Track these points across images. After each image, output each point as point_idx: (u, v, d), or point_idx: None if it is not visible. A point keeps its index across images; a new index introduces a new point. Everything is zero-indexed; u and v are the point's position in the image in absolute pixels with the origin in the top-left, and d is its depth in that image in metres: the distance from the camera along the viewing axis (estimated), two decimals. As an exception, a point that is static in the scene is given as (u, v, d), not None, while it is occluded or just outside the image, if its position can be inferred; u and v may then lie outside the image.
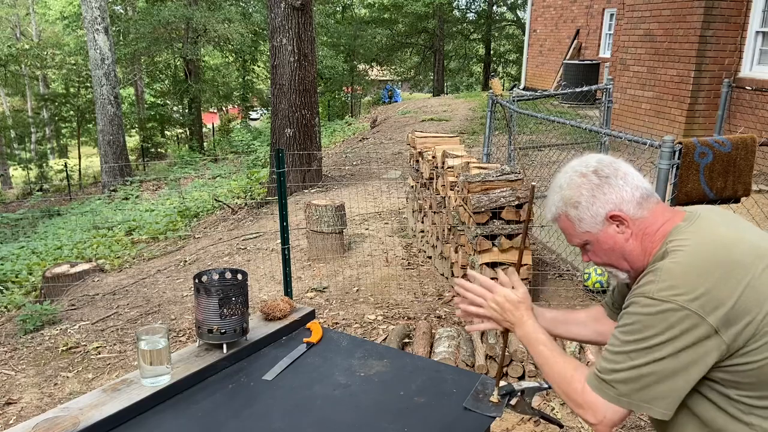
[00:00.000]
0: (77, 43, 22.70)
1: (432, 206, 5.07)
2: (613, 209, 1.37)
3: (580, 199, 1.39)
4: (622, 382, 1.29)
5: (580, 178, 1.41)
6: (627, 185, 1.38)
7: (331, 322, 4.20)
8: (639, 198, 1.38)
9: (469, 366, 3.33)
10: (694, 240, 1.30)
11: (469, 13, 30.62)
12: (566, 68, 13.57)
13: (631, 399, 1.29)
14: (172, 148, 25.36)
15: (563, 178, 1.45)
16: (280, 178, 3.72)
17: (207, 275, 1.88)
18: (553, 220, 1.48)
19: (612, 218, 1.38)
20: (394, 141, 11.99)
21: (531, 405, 1.62)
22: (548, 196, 1.49)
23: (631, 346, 1.28)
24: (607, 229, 1.39)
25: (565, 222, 1.44)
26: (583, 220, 1.40)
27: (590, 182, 1.39)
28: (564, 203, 1.42)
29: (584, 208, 1.39)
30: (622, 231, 1.39)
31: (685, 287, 1.23)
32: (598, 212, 1.38)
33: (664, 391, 1.26)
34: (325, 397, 1.65)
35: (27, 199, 15.74)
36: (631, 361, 1.28)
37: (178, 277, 5.64)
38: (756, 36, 7.83)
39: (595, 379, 1.34)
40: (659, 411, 1.28)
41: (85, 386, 3.75)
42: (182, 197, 10.19)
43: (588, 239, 1.43)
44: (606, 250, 1.42)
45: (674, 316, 1.22)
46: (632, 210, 1.38)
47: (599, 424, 1.33)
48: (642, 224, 1.38)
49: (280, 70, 8.16)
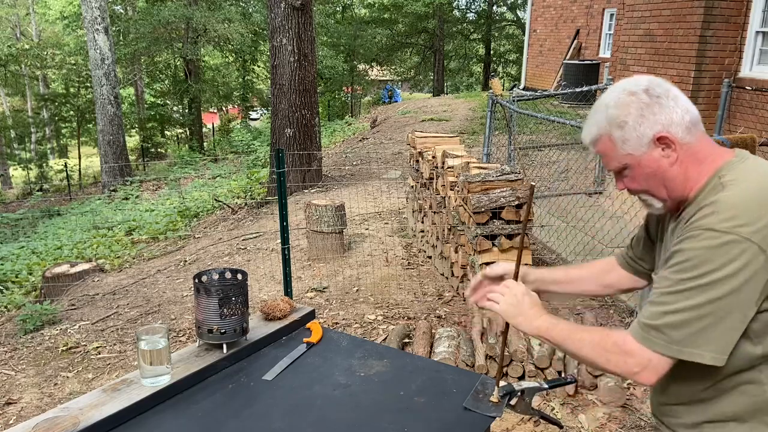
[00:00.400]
0: (77, 43, 22.70)
1: (432, 206, 5.07)
2: (662, 131, 1.29)
3: (627, 119, 1.30)
4: (675, 327, 1.22)
5: (629, 96, 1.31)
6: (678, 107, 1.30)
7: (331, 322, 4.20)
8: (688, 122, 1.30)
9: (469, 366, 3.33)
10: (751, 175, 1.26)
11: (469, 13, 30.64)
12: (566, 68, 13.57)
13: (682, 346, 1.22)
14: (172, 148, 25.36)
15: (610, 97, 1.34)
16: (280, 178, 3.72)
17: (207, 275, 1.88)
18: (593, 143, 1.38)
19: (659, 140, 1.30)
20: (394, 141, 11.99)
21: (531, 405, 1.62)
22: (590, 116, 1.38)
23: (687, 284, 1.21)
24: (651, 152, 1.31)
25: (607, 144, 1.35)
26: (627, 141, 1.31)
27: (640, 101, 1.30)
28: (609, 123, 1.33)
29: (631, 128, 1.30)
30: (667, 155, 1.31)
31: (747, 218, 1.18)
32: (645, 133, 1.30)
33: (720, 332, 1.20)
34: (325, 397, 1.65)
35: (27, 199, 15.74)
36: (686, 301, 1.20)
37: (178, 277, 5.64)
38: (756, 36, 7.82)
39: (642, 328, 1.26)
40: (712, 356, 1.21)
41: (85, 386, 3.75)
42: (182, 197, 10.19)
43: (629, 163, 1.34)
44: (646, 175, 1.33)
45: (736, 248, 1.17)
46: (681, 133, 1.30)
47: (643, 371, 1.26)
48: (689, 150, 1.31)
49: (280, 70, 8.16)
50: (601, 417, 3.09)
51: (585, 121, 1.41)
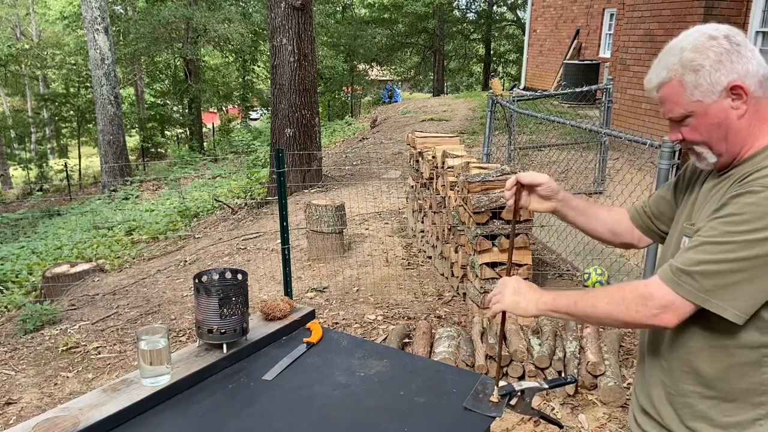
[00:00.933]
0: (77, 43, 22.70)
1: (432, 206, 5.07)
2: (737, 80, 1.24)
3: (705, 63, 1.25)
4: (709, 275, 1.20)
5: (709, 40, 1.26)
6: (755, 58, 1.26)
7: (331, 322, 4.20)
8: (762, 76, 1.26)
9: (469, 366, 3.33)
10: None
11: (469, 13, 30.63)
12: (566, 68, 13.57)
13: (709, 296, 1.20)
14: (172, 148, 25.36)
15: (687, 40, 1.28)
16: (280, 178, 3.72)
17: (207, 275, 1.88)
18: (659, 86, 1.32)
19: (732, 90, 1.25)
20: (394, 141, 11.99)
21: (531, 405, 1.62)
22: (659, 59, 1.32)
23: (734, 237, 1.18)
24: (722, 101, 1.26)
25: (676, 88, 1.29)
26: (699, 87, 1.26)
27: (720, 46, 1.25)
28: (682, 66, 1.27)
29: (706, 73, 1.25)
30: (737, 107, 1.26)
31: None
32: (719, 80, 1.25)
33: (750, 291, 1.18)
34: (325, 397, 1.65)
35: (27, 199, 15.75)
36: (728, 253, 1.18)
37: (178, 277, 5.64)
38: (756, 36, 7.83)
39: (674, 271, 1.24)
40: (734, 313, 1.20)
41: (85, 386, 3.75)
42: (182, 197, 10.19)
43: (695, 110, 1.28)
44: (711, 126, 1.28)
45: None
46: (754, 86, 1.25)
47: (664, 312, 1.25)
48: (758, 105, 1.27)
49: (280, 70, 8.16)
50: (601, 417, 3.09)
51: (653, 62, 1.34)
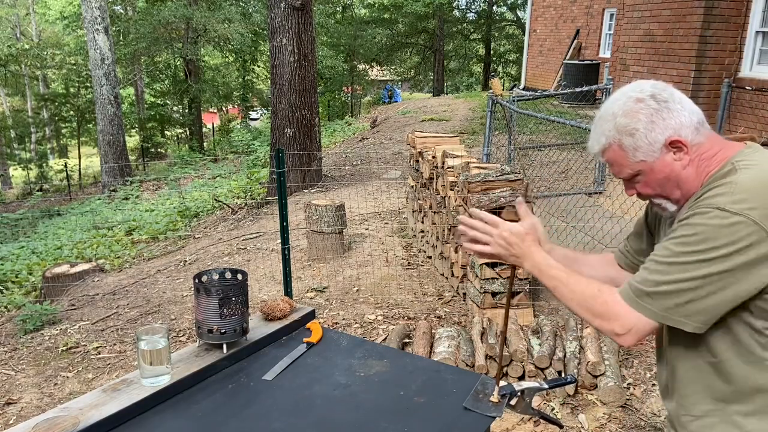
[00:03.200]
0: (77, 43, 22.70)
1: (432, 206, 5.07)
2: (673, 135, 1.30)
3: (638, 125, 1.30)
4: (667, 296, 1.24)
5: (636, 103, 1.32)
6: (684, 109, 1.31)
7: (331, 322, 4.20)
8: (696, 123, 1.31)
9: (469, 366, 3.33)
10: (765, 162, 1.27)
11: (469, 13, 30.63)
12: (566, 68, 13.57)
13: (670, 314, 1.24)
14: (172, 148, 25.37)
15: (616, 105, 1.34)
16: (280, 178, 3.72)
17: (207, 275, 1.88)
18: (601, 152, 1.38)
19: (671, 144, 1.31)
20: (394, 141, 11.99)
21: (531, 405, 1.62)
22: (596, 126, 1.38)
23: (687, 257, 1.22)
24: (664, 157, 1.32)
25: (617, 152, 1.35)
26: (639, 149, 1.32)
27: (648, 107, 1.31)
28: (618, 131, 1.33)
29: (642, 135, 1.30)
30: (679, 158, 1.32)
31: (758, 203, 1.19)
32: (656, 139, 1.30)
33: (708, 305, 1.22)
34: (325, 397, 1.65)
35: (27, 199, 15.74)
36: (684, 273, 1.22)
37: (178, 277, 5.64)
38: (756, 36, 7.83)
39: (634, 292, 1.28)
40: (694, 325, 1.24)
41: (85, 386, 3.75)
42: (182, 197, 10.19)
43: (641, 169, 1.34)
44: (660, 180, 1.34)
45: (744, 230, 1.18)
46: (691, 135, 1.31)
47: (626, 334, 1.29)
48: (699, 150, 1.32)
49: (280, 70, 8.16)
50: (601, 417, 3.09)
51: (591, 129, 1.40)
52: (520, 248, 1.47)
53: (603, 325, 1.32)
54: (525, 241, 1.47)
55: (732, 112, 7.89)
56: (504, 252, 1.49)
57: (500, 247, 1.48)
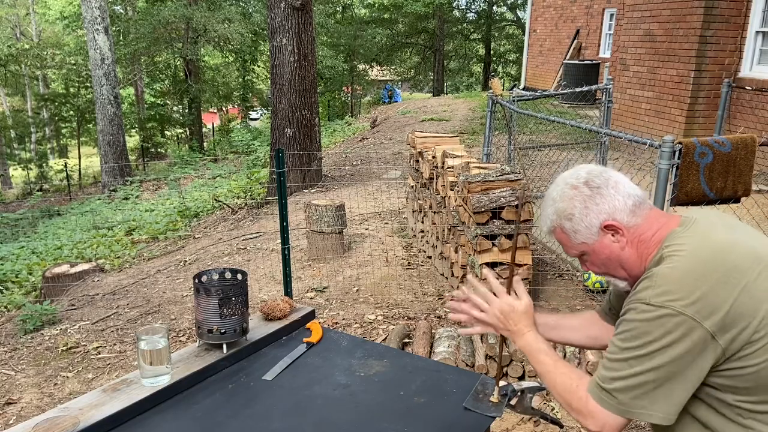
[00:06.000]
0: (77, 43, 22.70)
1: (432, 206, 5.07)
2: (607, 219, 1.37)
3: (574, 211, 1.39)
4: (622, 391, 1.29)
5: (571, 190, 1.40)
6: (618, 194, 1.38)
7: (331, 322, 4.20)
8: (632, 206, 1.38)
9: (469, 366, 3.33)
10: (689, 245, 1.30)
11: (469, 13, 30.64)
12: (566, 68, 13.57)
13: (630, 408, 1.29)
14: (172, 148, 25.35)
15: (555, 191, 1.44)
16: (280, 178, 3.72)
17: (207, 275, 1.88)
18: (549, 233, 1.48)
19: (606, 228, 1.38)
20: (394, 141, 11.99)
21: (531, 405, 1.62)
22: (542, 209, 1.48)
23: (629, 353, 1.28)
24: (602, 239, 1.39)
25: (561, 234, 1.45)
26: (578, 232, 1.40)
27: (582, 194, 1.39)
28: (558, 216, 1.42)
29: (578, 219, 1.39)
30: (617, 240, 1.39)
31: (681, 292, 1.23)
32: (592, 223, 1.38)
33: (663, 396, 1.26)
34: (325, 397, 1.65)
35: (27, 199, 15.74)
36: (629, 369, 1.27)
37: (178, 277, 5.64)
38: (756, 36, 7.82)
39: (596, 388, 1.34)
40: (660, 416, 1.28)
41: (85, 386, 3.75)
42: (182, 197, 10.19)
43: (584, 250, 1.43)
44: (603, 260, 1.42)
45: (671, 321, 1.22)
46: (626, 218, 1.37)
47: (603, 428, 1.33)
48: (636, 231, 1.38)
49: (280, 70, 8.16)
50: (601, 417, 3.08)
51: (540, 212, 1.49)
52: (515, 325, 1.52)
53: (580, 419, 1.37)
54: (521, 320, 1.52)
55: (732, 112, 7.89)
56: (498, 324, 1.55)
57: (496, 318, 1.54)
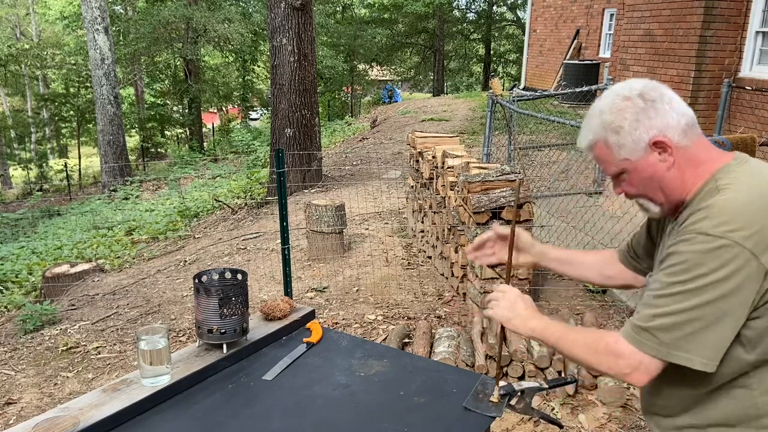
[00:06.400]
0: (77, 43, 22.70)
1: (432, 206, 5.07)
2: (657, 135, 1.29)
3: (623, 124, 1.30)
4: (665, 330, 1.22)
5: (623, 101, 1.31)
6: (673, 110, 1.30)
7: (331, 322, 4.20)
8: (684, 125, 1.30)
9: (469, 366, 3.33)
10: (747, 179, 1.26)
11: (469, 13, 30.64)
12: (566, 68, 13.57)
13: (671, 350, 1.22)
14: (172, 148, 25.35)
15: (604, 102, 1.34)
16: (280, 178, 3.72)
17: (207, 275, 1.88)
18: (589, 149, 1.39)
19: (655, 145, 1.30)
20: (394, 141, 11.99)
21: (531, 405, 1.62)
22: (585, 122, 1.38)
23: (677, 288, 1.21)
24: (648, 156, 1.31)
25: (603, 149, 1.35)
26: (623, 147, 1.31)
27: (635, 106, 1.30)
28: (604, 128, 1.33)
29: (626, 133, 1.30)
30: (664, 159, 1.31)
31: (740, 223, 1.18)
32: (641, 137, 1.29)
33: (710, 338, 1.20)
34: (325, 397, 1.65)
35: (27, 199, 15.74)
36: (676, 304, 1.21)
37: (178, 277, 5.64)
38: (756, 36, 7.83)
39: (633, 329, 1.27)
40: (702, 362, 1.21)
41: (85, 386, 3.75)
42: (182, 197, 10.19)
43: (626, 167, 1.34)
44: (643, 180, 1.33)
45: (728, 252, 1.16)
46: (677, 137, 1.29)
47: (635, 372, 1.27)
48: (686, 154, 1.31)
49: (280, 70, 8.16)
50: (601, 417, 3.09)
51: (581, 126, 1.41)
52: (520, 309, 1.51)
53: (611, 367, 1.30)
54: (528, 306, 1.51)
55: (732, 112, 7.89)
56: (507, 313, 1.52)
57: (504, 309, 1.52)
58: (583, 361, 1.36)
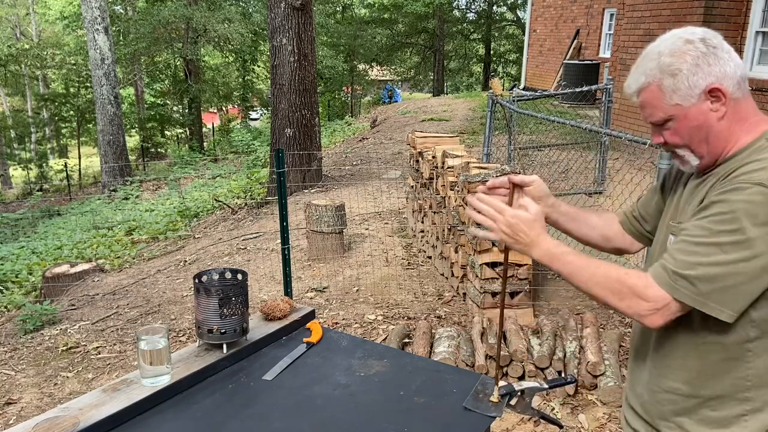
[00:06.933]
0: (77, 43, 22.71)
1: (432, 206, 5.07)
2: (715, 82, 1.25)
3: (682, 67, 1.25)
4: (706, 280, 1.18)
5: (685, 44, 1.27)
6: (732, 60, 1.27)
7: (331, 322, 4.20)
8: (740, 77, 1.28)
9: (469, 366, 3.33)
10: None
11: (469, 13, 30.63)
12: (566, 68, 13.57)
13: (707, 300, 1.19)
14: (172, 148, 25.36)
15: (664, 45, 1.29)
16: (280, 178, 3.72)
17: (207, 275, 1.88)
18: (638, 91, 1.33)
19: (710, 92, 1.26)
20: (394, 141, 11.99)
21: (531, 405, 1.62)
22: (638, 64, 1.33)
23: (725, 237, 1.17)
24: (701, 104, 1.27)
25: (655, 93, 1.29)
26: (678, 91, 1.27)
27: (697, 50, 1.26)
28: (660, 70, 1.28)
29: (684, 77, 1.26)
30: (716, 108, 1.27)
31: None
32: (697, 83, 1.25)
33: (746, 291, 1.18)
34: (325, 397, 1.65)
35: (27, 199, 15.75)
36: (723, 255, 1.17)
37: (178, 277, 5.64)
38: (756, 36, 7.83)
39: (669, 275, 1.23)
40: (730, 314, 1.20)
41: (85, 386, 3.75)
42: (182, 197, 10.19)
43: (675, 114, 1.29)
44: (691, 128, 1.29)
45: None
46: (732, 88, 1.26)
47: (653, 315, 1.24)
48: (737, 106, 1.28)
49: (280, 70, 8.16)
50: (601, 417, 3.09)
51: (632, 68, 1.35)
52: (527, 236, 1.39)
53: (630, 305, 1.26)
54: (533, 229, 1.39)
55: (732, 112, 7.89)
56: (509, 240, 1.41)
57: (504, 234, 1.41)
58: (600, 296, 1.32)
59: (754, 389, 1.28)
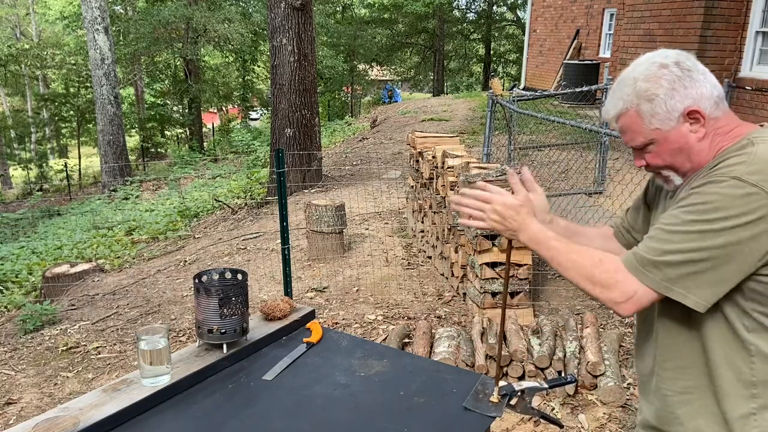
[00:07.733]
0: (77, 43, 22.72)
1: (432, 206, 5.07)
2: (692, 105, 1.27)
3: (659, 92, 1.27)
4: (673, 266, 1.21)
5: (660, 69, 1.29)
6: (707, 81, 1.29)
7: (331, 322, 4.20)
8: (716, 97, 1.29)
9: (469, 366, 3.33)
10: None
11: (469, 13, 30.64)
12: (566, 68, 13.56)
13: (673, 285, 1.22)
14: (172, 148, 25.36)
15: (638, 70, 1.31)
16: (280, 178, 3.72)
17: (207, 275, 1.88)
18: (617, 117, 1.35)
19: (689, 115, 1.28)
20: (394, 141, 11.99)
21: (531, 405, 1.62)
22: (615, 90, 1.35)
23: (695, 226, 1.20)
24: (680, 126, 1.29)
25: (633, 118, 1.31)
26: (656, 116, 1.29)
27: (672, 73, 1.28)
28: (637, 96, 1.30)
29: (661, 101, 1.28)
30: (695, 130, 1.29)
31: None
32: (675, 107, 1.27)
33: (713, 279, 1.20)
34: (325, 397, 1.65)
35: (27, 199, 15.75)
36: (692, 243, 1.20)
37: (178, 277, 5.64)
38: (756, 36, 7.83)
39: (638, 260, 1.26)
40: (695, 301, 1.22)
41: (85, 386, 3.75)
42: (182, 197, 10.19)
43: (655, 138, 1.31)
44: (673, 150, 1.31)
45: (756, 202, 1.16)
46: (710, 108, 1.28)
47: (625, 302, 1.27)
48: (716, 124, 1.30)
49: (280, 70, 8.16)
50: (601, 417, 3.09)
51: (608, 94, 1.38)
52: (515, 221, 1.42)
53: (603, 293, 1.29)
54: (519, 214, 1.42)
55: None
56: (499, 226, 1.44)
57: (494, 221, 1.44)
58: (576, 281, 1.34)
59: (761, 385, 1.28)
